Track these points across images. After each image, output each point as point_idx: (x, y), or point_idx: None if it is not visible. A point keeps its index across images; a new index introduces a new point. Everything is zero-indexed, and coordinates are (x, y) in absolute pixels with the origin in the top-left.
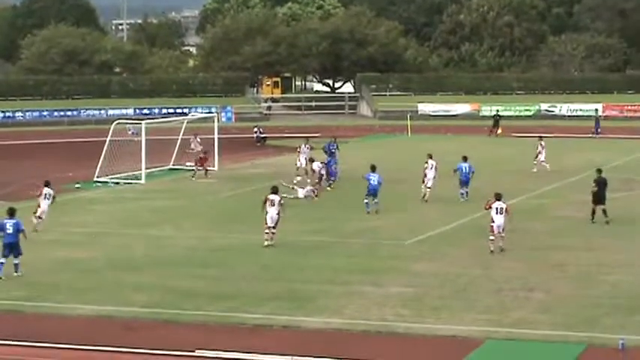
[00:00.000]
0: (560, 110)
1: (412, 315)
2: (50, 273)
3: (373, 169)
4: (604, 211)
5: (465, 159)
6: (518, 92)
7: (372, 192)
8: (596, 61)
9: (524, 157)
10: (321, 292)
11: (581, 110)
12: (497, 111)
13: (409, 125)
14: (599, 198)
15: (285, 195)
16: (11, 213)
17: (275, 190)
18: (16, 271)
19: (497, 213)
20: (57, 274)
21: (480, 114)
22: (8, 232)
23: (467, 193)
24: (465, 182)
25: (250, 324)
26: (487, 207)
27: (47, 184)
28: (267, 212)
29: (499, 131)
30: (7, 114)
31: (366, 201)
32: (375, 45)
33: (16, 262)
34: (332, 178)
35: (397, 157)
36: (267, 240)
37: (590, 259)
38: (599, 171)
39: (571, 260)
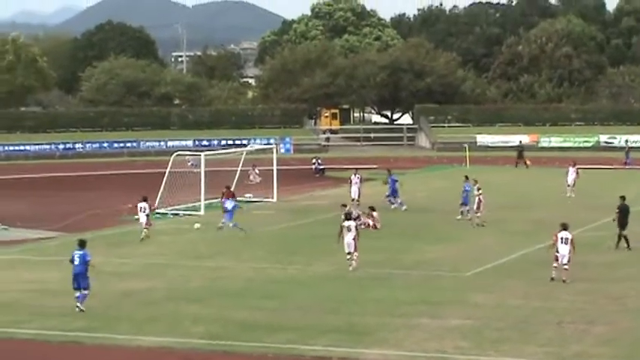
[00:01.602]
0: (619, 142)
1: (472, 347)
2: (110, 304)
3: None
4: (625, 238)
5: (467, 178)
6: (578, 123)
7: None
8: None
9: (581, 188)
10: (380, 325)
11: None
12: (520, 142)
13: (467, 156)
14: (621, 224)
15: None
16: (81, 244)
17: (348, 217)
18: (77, 304)
19: (562, 243)
20: (117, 306)
21: (539, 145)
22: (75, 263)
23: (467, 211)
24: (465, 203)
25: (309, 356)
26: (554, 237)
27: (145, 200)
28: (343, 239)
29: (528, 162)
30: (68, 145)
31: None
32: (434, 76)
33: (77, 294)
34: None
35: (455, 189)
36: (350, 265)
37: None
38: (623, 198)
39: (630, 293)
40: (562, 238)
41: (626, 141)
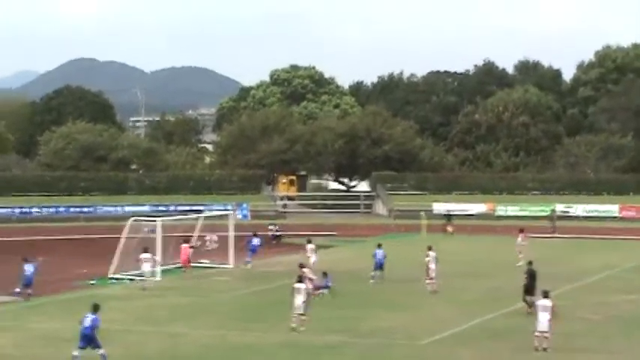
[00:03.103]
0: (575, 211)
1: None
2: None
3: (379, 246)
4: (527, 301)
5: (379, 246)
6: (534, 192)
7: (379, 266)
8: (610, 163)
9: (541, 257)
10: None
11: (597, 211)
12: (448, 211)
13: (424, 224)
14: (527, 288)
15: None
16: (95, 309)
17: (300, 280)
18: None
19: (541, 311)
20: None
21: (495, 214)
22: (85, 325)
23: (379, 275)
24: (379, 266)
25: None
26: (530, 305)
27: (146, 250)
28: (294, 300)
29: (450, 229)
30: (24, 209)
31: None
32: (391, 144)
33: (100, 352)
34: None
35: (411, 256)
36: (293, 323)
37: None
38: (530, 263)
39: None
40: (541, 306)
41: (552, 210)
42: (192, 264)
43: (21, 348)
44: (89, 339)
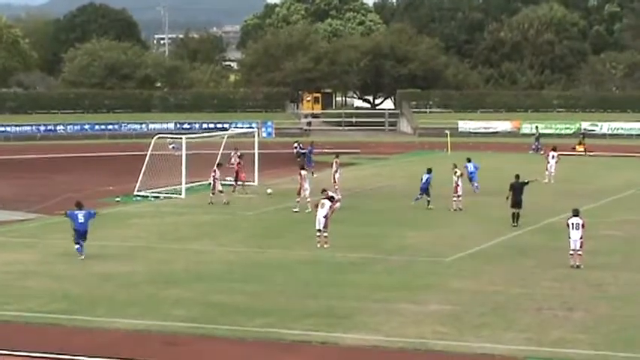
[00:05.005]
0: (600, 129)
1: (451, 333)
2: (90, 287)
3: (429, 171)
4: (517, 216)
5: (429, 171)
6: (559, 110)
7: (424, 190)
8: (636, 80)
9: (564, 175)
10: (359, 309)
11: (622, 129)
12: (585, 129)
13: (449, 142)
14: (513, 202)
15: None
16: (79, 205)
17: (327, 198)
18: (80, 253)
19: (574, 228)
20: (96, 288)
21: (521, 131)
22: (80, 221)
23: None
24: (424, 190)
25: (288, 340)
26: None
27: (219, 165)
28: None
29: (580, 149)
30: (49, 127)
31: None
32: (416, 62)
33: (78, 247)
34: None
35: (436, 174)
36: (318, 243)
37: (629, 279)
38: (517, 176)
39: (611, 280)
40: (573, 224)
41: (536, 127)
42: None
43: (44, 265)
44: (84, 232)
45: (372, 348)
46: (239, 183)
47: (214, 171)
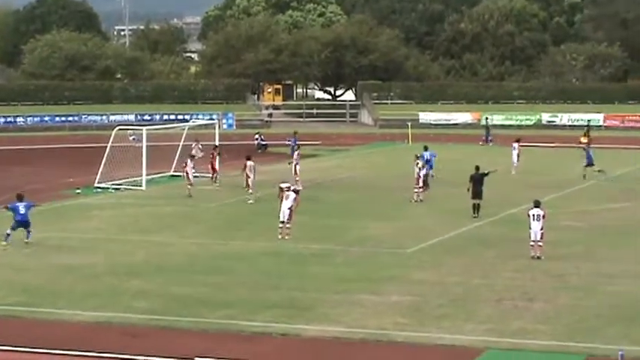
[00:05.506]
0: (560, 120)
1: (411, 324)
2: (50, 279)
3: (425, 148)
4: (477, 207)
5: (425, 148)
6: (519, 101)
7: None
8: (597, 71)
9: (524, 166)
10: (320, 301)
11: (581, 120)
12: (589, 121)
13: (410, 134)
14: (474, 193)
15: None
16: (20, 197)
17: (289, 189)
18: (27, 237)
19: (534, 220)
20: (56, 280)
21: (481, 123)
22: (21, 212)
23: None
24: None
25: (249, 332)
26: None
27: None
28: (281, 203)
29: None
30: (9, 119)
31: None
32: (377, 53)
33: (28, 229)
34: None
35: (397, 165)
36: (280, 234)
37: (591, 269)
38: (477, 168)
39: (571, 270)
40: (534, 215)
41: (486, 118)
42: (177, 173)
43: (2, 257)
44: (25, 223)
45: (333, 339)
46: (215, 175)
47: (186, 163)
